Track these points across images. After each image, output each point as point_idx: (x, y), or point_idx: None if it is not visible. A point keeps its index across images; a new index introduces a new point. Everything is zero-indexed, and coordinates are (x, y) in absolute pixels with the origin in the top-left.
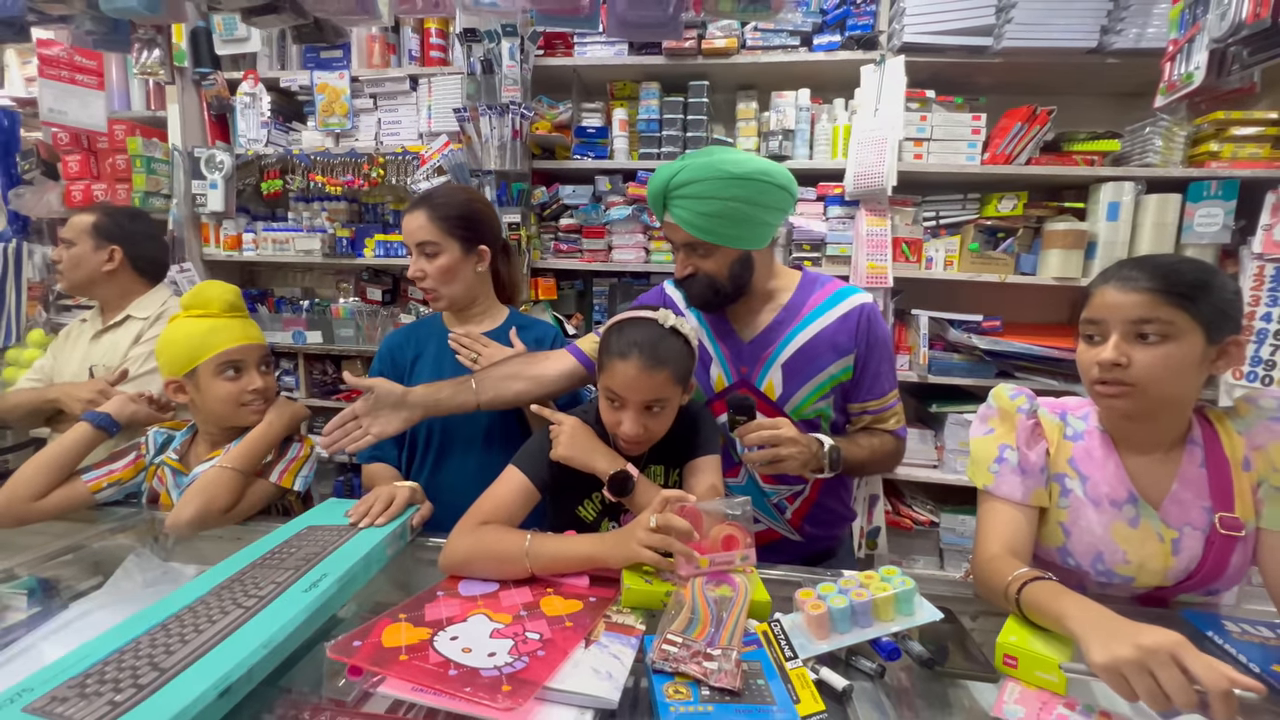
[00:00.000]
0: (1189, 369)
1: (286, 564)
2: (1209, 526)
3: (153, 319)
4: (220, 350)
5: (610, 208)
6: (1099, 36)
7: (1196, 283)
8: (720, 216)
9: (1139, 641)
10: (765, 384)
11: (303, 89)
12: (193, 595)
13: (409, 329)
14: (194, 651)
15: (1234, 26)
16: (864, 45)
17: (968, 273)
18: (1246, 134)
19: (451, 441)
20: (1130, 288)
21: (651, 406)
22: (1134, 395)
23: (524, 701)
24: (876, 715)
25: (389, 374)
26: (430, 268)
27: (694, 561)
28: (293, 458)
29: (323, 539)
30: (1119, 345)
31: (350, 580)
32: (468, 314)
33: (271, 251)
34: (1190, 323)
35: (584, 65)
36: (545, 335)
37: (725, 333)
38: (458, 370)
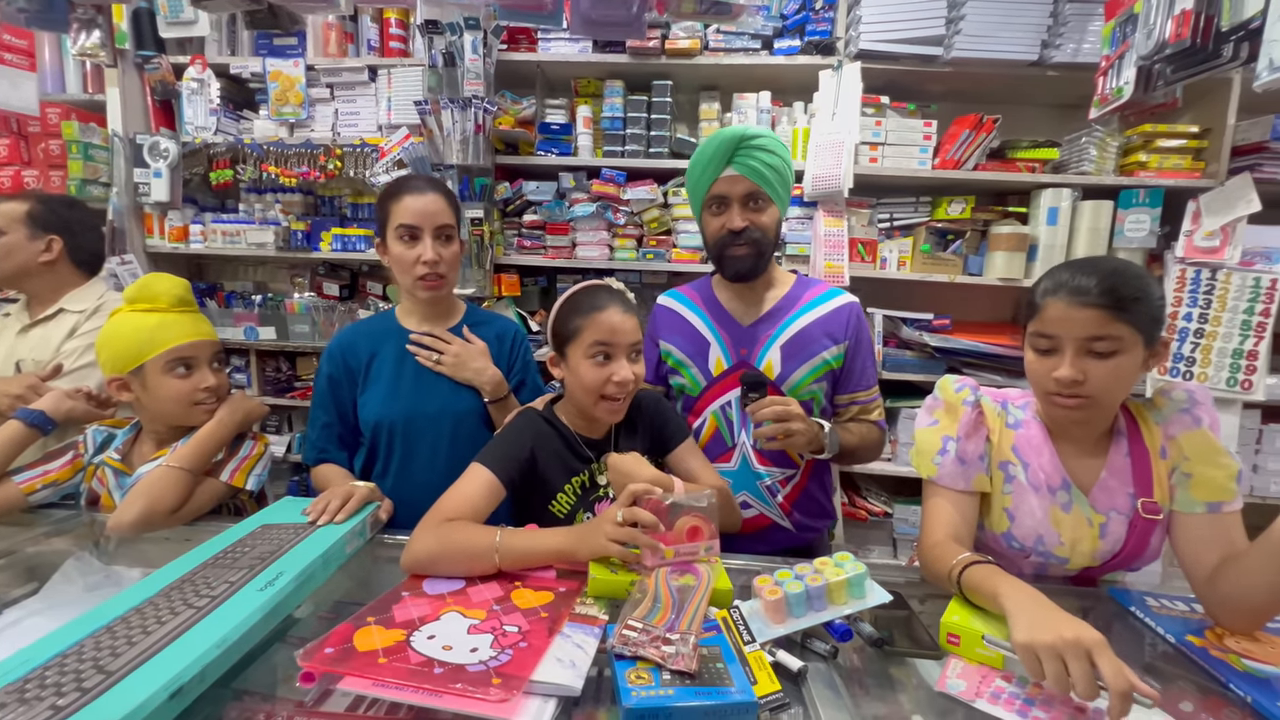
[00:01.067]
0: (1134, 375)
1: (240, 563)
2: (1132, 511)
3: (89, 312)
4: (170, 346)
5: (574, 204)
6: (1040, 50)
7: (1137, 295)
8: (778, 172)
9: (1061, 632)
10: (764, 363)
11: (254, 76)
12: (140, 596)
13: (361, 328)
14: (142, 653)
15: (1159, 45)
16: (822, 51)
17: (919, 273)
18: (1170, 146)
19: (415, 445)
20: (1081, 303)
21: (635, 350)
22: (1090, 405)
23: (516, 693)
24: (830, 694)
25: (340, 376)
26: (447, 253)
27: (659, 553)
28: (245, 456)
29: (278, 537)
30: (1075, 362)
31: (308, 578)
32: (439, 308)
33: (221, 244)
34: (1134, 334)
35: (548, 61)
36: (506, 330)
37: (724, 320)
38: (419, 373)
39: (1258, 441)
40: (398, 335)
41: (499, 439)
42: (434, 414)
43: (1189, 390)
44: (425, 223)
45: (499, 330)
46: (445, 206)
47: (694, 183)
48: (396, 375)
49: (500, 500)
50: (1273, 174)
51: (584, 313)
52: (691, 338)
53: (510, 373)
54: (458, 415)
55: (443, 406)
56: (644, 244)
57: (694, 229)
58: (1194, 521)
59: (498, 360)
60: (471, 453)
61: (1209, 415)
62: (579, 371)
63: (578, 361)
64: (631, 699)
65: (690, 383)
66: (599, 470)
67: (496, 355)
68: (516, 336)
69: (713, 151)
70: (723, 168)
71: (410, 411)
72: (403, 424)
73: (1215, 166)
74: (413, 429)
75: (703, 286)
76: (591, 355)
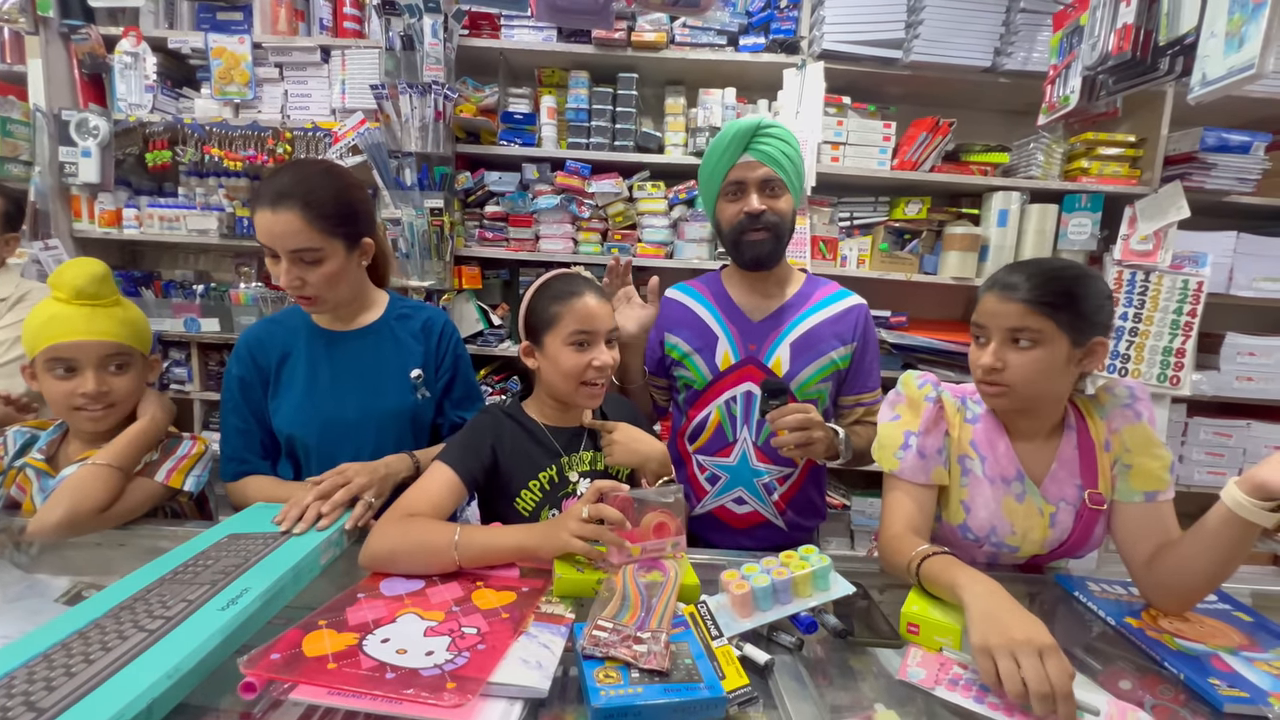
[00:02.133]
0: (1056, 370)
1: (201, 578)
2: (1079, 501)
3: (11, 301)
4: (49, 344)
5: (538, 196)
6: (993, 57)
7: (1065, 293)
8: (792, 162)
9: (1013, 634)
10: (773, 360)
11: (195, 52)
12: (86, 618)
13: (271, 324)
14: (82, 686)
15: (1102, 57)
16: (786, 49)
17: (878, 271)
18: (1110, 154)
19: (335, 456)
20: (1008, 297)
21: (610, 337)
22: (1009, 394)
23: (471, 697)
24: (796, 686)
25: (251, 377)
26: (313, 276)
27: (626, 550)
28: (183, 455)
29: (246, 549)
30: (996, 351)
31: (277, 595)
32: (348, 311)
33: (158, 230)
34: (1056, 330)
35: (511, 49)
36: (434, 320)
37: (734, 315)
38: (335, 375)
39: (1183, 434)
40: (310, 334)
41: (459, 437)
42: (354, 421)
43: (1129, 386)
44: (276, 245)
45: (426, 321)
46: (302, 226)
47: (710, 171)
48: (311, 379)
49: (462, 499)
50: (1200, 182)
51: (562, 300)
52: (699, 331)
53: (439, 368)
54: (381, 420)
55: (364, 412)
56: (609, 238)
57: (660, 224)
58: (1132, 510)
59: (425, 355)
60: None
61: (1147, 410)
62: (558, 359)
63: (557, 349)
64: (600, 699)
65: (696, 376)
66: (568, 466)
67: (424, 350)
68: (445, 327)
69: (730, 138)
70: (740, 154)
71: (328, 419)
72: (319, 433)
73: (1150, 174)
74: (331, 438)
75: (712, 281)
76: (571, 342)
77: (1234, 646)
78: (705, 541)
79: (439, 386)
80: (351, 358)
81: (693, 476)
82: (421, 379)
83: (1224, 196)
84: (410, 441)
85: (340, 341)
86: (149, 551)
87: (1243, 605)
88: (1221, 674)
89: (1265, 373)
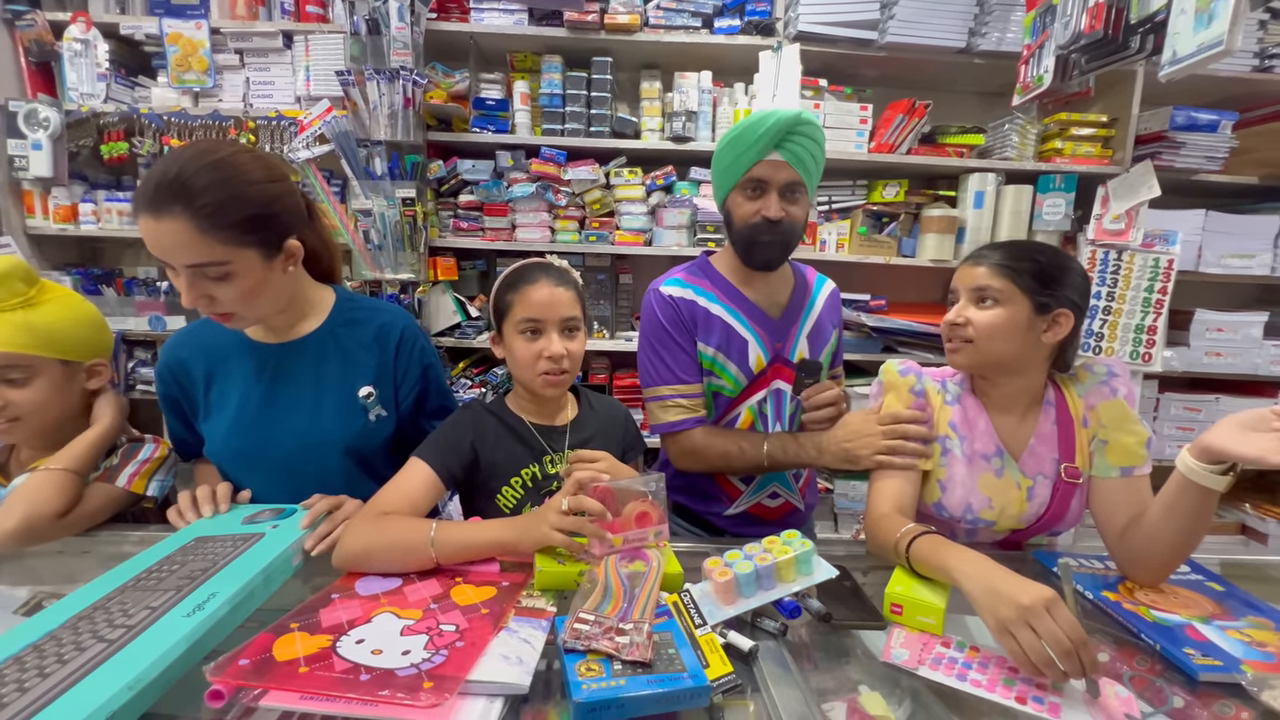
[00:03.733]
0: (1015, 331)
1: (166, 584)
2: (1056, 475)
3: None
4: None
5: (513, 184)
6: (967, 38)
7: (1028, 260)
8: (818, 164)
9: (1021, 601)
10: (796, 355)
11: (150, 39)
12: (41, 630)
13: (193, 339)
14: (36, 702)
15: (1074, 35)
16: (762, 31)
17: (857, 254)
18: (1083, 134)
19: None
20: (979, 262)
21: (569, 326)
22: (969, 351)
23: (449, 696)
24: (780, 671)
25: (177, 395)
26: (224, 293)
27: (607, 541)
28: (145, 459)
29: (214, 552)
30: (961, 308)
31: (246, 598)
32: (281, 320)
33: (118, 225)
34: (1017, 291)
35: (481, 33)
36: (391, 326)
37: (757, 316)
38: (268, 398)
39: (1155, 409)
40: (239, 351)
41: (439, 434)
42: (290, 451)
43: (1108, 364)
44: (167, 259)
45: (380, 328)
46: (193, 237)
47: (731, 160)
48: (241, 403)
49: (440, 497)
50: (1170, 161)
51: (515, 289)
52: (726, 336)
53: (401, 383)
54: (321, 450)
55: (301, 440)
56: (586, 226)
57: (638, 210)
58: (1108, 485)
59: (380, 369)
60: (371, 487)
61: (1125, 386)
62: (513, 349)
63: (511, 338)
64: (583, 692)
65: (729, 383)
66: (552, 463)
67: (378, 362)
68: (405, 334)
69: (762, 131)
70: (769, 150)
71: (258, 451)
72: (249, 466)
73: (1121, 154)
74: (265, 472)
75: (713, 275)
76: (521, 331)
77: (1207, 616)
78: (735, 537)
79: (409, 402)
80: (288, 376)
81: (722, 479)
82: (373, 397)
83: (1193, 175)
84: (359, 474)
85: (273, 357)
86: (113, 558)
87: (1214, 575)
88: (1196, 643)
89: (1233, 348)
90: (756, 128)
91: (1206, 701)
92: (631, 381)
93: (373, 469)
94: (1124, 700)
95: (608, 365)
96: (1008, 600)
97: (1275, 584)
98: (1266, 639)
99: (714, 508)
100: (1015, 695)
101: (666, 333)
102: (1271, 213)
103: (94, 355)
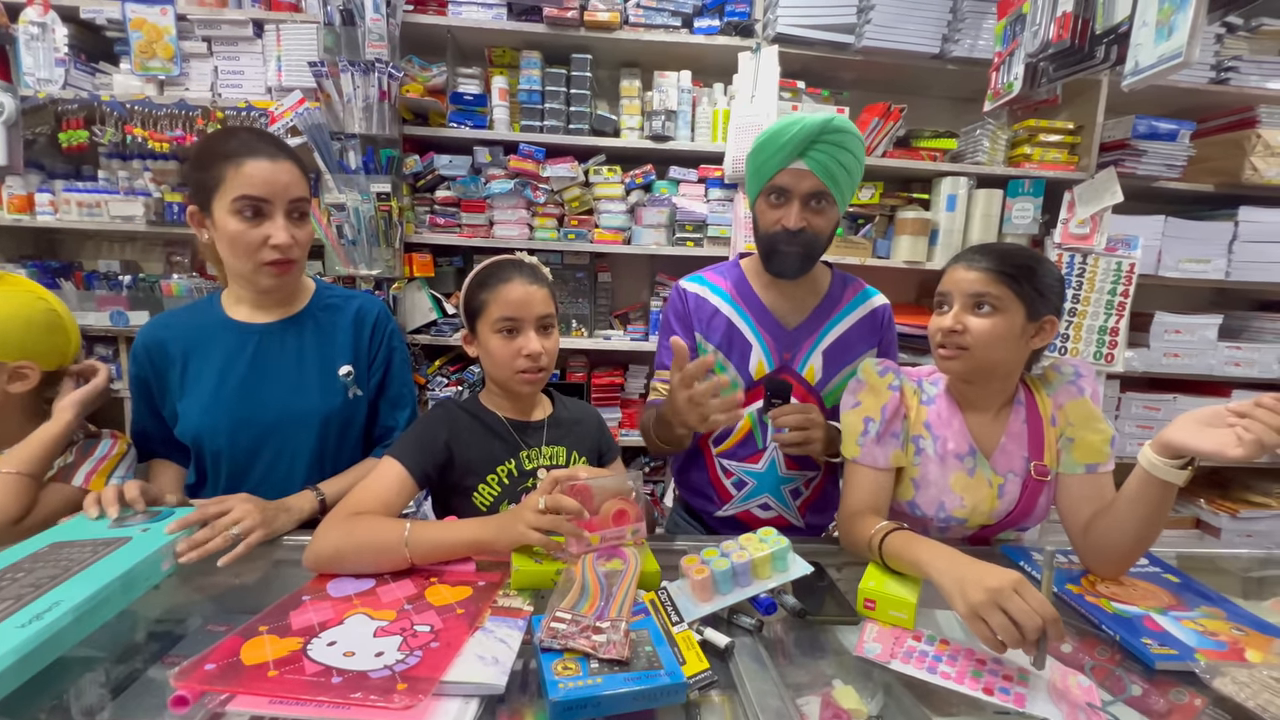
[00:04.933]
0: (1011, 338)
1: (6, 593)
2: (1026, 473)
3: None
4: None
5: (491, 181)
6: (940, 44)
7: (1024, 266)
8: (849, 173)
9: (988, 584)
10: (807, 369)
11: (112, 23)
12: None
13: (172, 320)
14: None
15: (1043, 44)
16: (741, 32)
17: (834, 255)
18: (1051, 140)
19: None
20: (973, 267)
21: (544, 324)
22: (965, 358)
23: (424, 697)
24: (756, 667)
25: (150, 377)
26: (302, 234)
27: (585, 540)
28: (103, 457)
29: (69, 558)
30: (958, 315)
31: (97, 606)
32: (282, 294)
33: (78, 217)
34: (1014, 299)
35: (459, 26)
36: (366, 310)
37: (769, 323)
38: (251, 371)
39: (1117, 408)
40: (222, 330)
41: (411, 432)
42: (271, 423)
43: (1075, 364)
44: (277, 195)
45: (357, 310)
46: (298, 176)
47: (759, 165)
48: (221, 376)
49: (413, 497)
50: (1132, 169)
51: (489, 287)
52: (732, 338)
53: (372, 363)
54: (303, 422)
55: (283, 413)
56: (565, 224)
57: (617, 209)
58: (1074, 481)
59: (355, 348)
60: (335, 467)
61: (1091, 386)
62: (489, 347)
63: (487, 337)
64: (559, 691)
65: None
66: (529, 458)
67: (355, 343)
68: (380, 317)
69: (789, 138)
70: (793, 158)
71: (240, 420)
72: (229, 436)
73: (1087, 161)
74: (243, 442)
75: (735, 276)
76: (498, 329)
77: (1164, 607)
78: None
79: (372, 384)
80: (270, 353)
81: (715, 479)
82: (352, 376)
83: (1153, 182)
84: (336, 449)
85: (257, 334)
86: None
87: (1171, 567)
88: (1153, 634)
89: (1190, 349)
90: (780, 135)
91: (1163, 689)
92: (610, 380)
93: (345, 448)
94: (1085, 689)
95: (586, 364)
96: (976, 585)
97: (1227, 575)
98: (1218, 628)
99: (709, 507)
100: (983, 687)
101: (668, 322)
102: (1226, 219)
103: (21, 356)
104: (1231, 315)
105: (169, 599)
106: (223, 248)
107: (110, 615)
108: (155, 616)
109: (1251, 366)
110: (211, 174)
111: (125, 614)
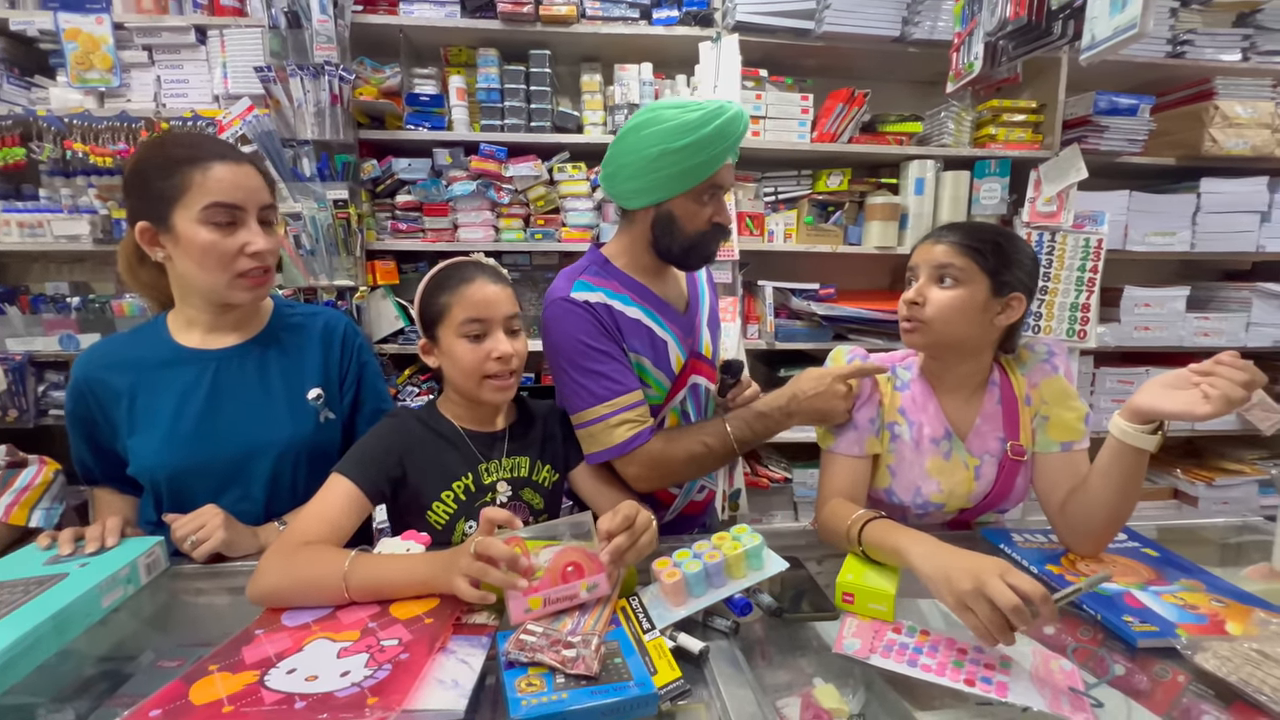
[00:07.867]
0: (972, 311)
1: None
2: (1002, 453)
3: None
4: None
5: (453, 183)
6: (901, 27)
7: (990, 241)
8: None
9: (975, 573)
10: (704, 346)
11: (45, 34)
12: None
13: (111, 347)
14: None
15: (1000, 22)
16: (700, 22)
17: (804, 244)
18: (1015, 120)
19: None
20: (940, 240)
21: (512, 326)
22: (924, 330)
23: (397, 708)
24: (732, 670)
25: (92, 415)
26: (273, 243)
27: (521, 601)
28: (24, 487)
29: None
30: (921, 287)
31: (27, 650)
32: (244, 312)
33: (19, 238)
34: (978, 272)
35: (411, 25)
36: (334, 324)
37: (670, 314)
38: (211, 403)
39: (1092, 384)
40: (174, 359)
41: (362, 444)
42: (238, 458)
43: (1048, 343)
44: (248, 200)
45: (323, 326)
46: (264, 183)
47: (701, 161)
48: (177, 411)
49: (365, 515)
50: (1095, 145)
51: (450, 289)
52: (651, 342)
53: (344, 381)
54: (274, 454)
55: (250, 446)
56: (531, 224)
57: (583, 207)
58: (1050, 460)
59: (325, 369)
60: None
61: (1064, 365)
62: (454, 353)
63: (451, 343)
64: (521, 709)
65: (656, 390)
66: (488, 472)
67: (324, 362)
68: (348, 331)
69: (734, 134)
70: (731, 154)
71: (203, 458)
72: (193, 475)
73: (1050, 139)
74: (209, 481)
75: (620, 276)
76: (464, 334)
77: (1144, 582)
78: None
79: (345, 404)
80: (230, 381)
81: (657, 492)
82: (322, 399)
83: (1116, 157)
84: (308, 478)
85: (214, 362)
86: None
87: (1150, 541)
88: (1134, 610)
89: (1159, 321)
90: (729, 131)
91: (1146, 667)
92: None
93: (318, 477)
94: (1067, 674)
95: None
96: (962, 575)
97: (1206, 545)
98: (1198, 601)
99: (659, 513)
100: (964, 678)
101: (589, 346)
102: (1188, 192)
103: None
104: (1198, 286)
105: (117, 634)
106: (188, 263)
107: (45, 657)
108: (101, 654)
109: (1220, 336)
110: (170, 183)
111: (68, 653)
